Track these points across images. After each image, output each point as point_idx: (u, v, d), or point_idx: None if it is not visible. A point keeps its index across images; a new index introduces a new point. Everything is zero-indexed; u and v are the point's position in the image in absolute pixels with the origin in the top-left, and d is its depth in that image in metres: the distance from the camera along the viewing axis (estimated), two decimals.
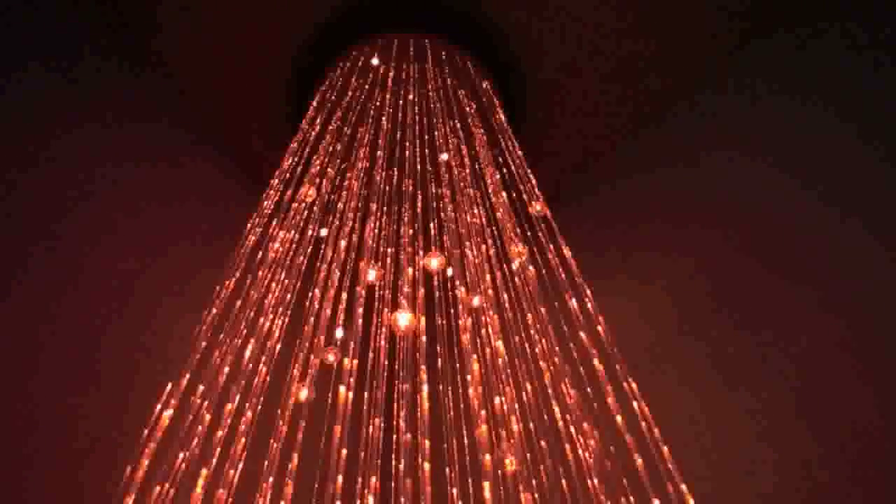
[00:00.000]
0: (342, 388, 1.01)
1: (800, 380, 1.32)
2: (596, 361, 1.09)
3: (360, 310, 1.15)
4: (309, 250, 1.33)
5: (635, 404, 1.03)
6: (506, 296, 1.26)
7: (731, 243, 1.58)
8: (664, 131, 1.95)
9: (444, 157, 1.48)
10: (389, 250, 1.40)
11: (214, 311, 1.17)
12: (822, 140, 1.47)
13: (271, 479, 0.97)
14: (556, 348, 1.15)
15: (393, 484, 1.03)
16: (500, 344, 1.13)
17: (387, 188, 1.49)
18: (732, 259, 1.56)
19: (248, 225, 1.34)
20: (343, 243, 1.29)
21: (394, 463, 1.04)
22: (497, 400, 1.03)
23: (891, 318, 1.23)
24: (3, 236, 1.26)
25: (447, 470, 1.13)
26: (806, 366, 1.32)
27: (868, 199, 1.34)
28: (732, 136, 1.71)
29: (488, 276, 1.24)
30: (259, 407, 1.09)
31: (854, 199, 1.36)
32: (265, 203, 1.39)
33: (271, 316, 1.19)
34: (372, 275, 1.27)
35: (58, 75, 1.51)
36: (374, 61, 1.70)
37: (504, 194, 1.44)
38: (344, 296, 1.22)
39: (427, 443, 0.96)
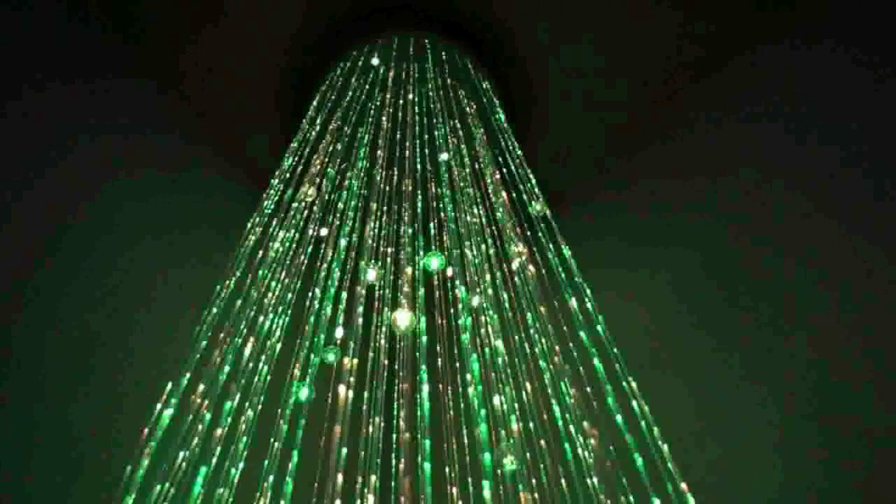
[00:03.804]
0: (342, 388, 1.01)
1: (800, 380, 1.32)
2: (596, 361, 1.09)
3: (360, 310, 1.15)
4: (309, 250, 1.33)
5: (635, 404, 1.03)
6: (506, 296, 1.26)
7: (732, 245, 1.58)
8: (665, 133, 1.95)
9: (444, 157, 1.48)
10: (389, 250, 1.40)
11: (214, 311, 1.17)
12: (816, 145, 1.48)
13: (271, 479, 0.97)
14: (557, 348, 1.15)
15: (393, 484, 1.03)
16: (500, 344, 1.13)
17: (387, 188, 1.49)
18: (734, 261, 1.56)
19: (248, 225, 1.34)
20: (343, 243, 1.29)
21: (394, 463, 1.04)
22: (497, 400, 1.03)
23: None
24: (5, 235, 1.26)
25: (447, 470, 1.13)
26: (806, 366, 1.32)
27: (868, 199, 1.34)
28: (731, 139, 1.71)
29: (488, 276, 1.24)
30: (259, 407, 1.09)
31: (854, 199, 1.37)
32: (265, 203, 1.39)
33: (271, 316, 1.19)
34: (372, 275, 1.27)
35: (61, 81, 1.51)
36: (374, 61, 1.70)
37: (504, 194, 1.44)
38: (344, 296, 1.22)
39: (427, 442, 0.96)
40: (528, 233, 1.34)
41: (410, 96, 1.61)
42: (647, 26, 1.75)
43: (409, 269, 1.23)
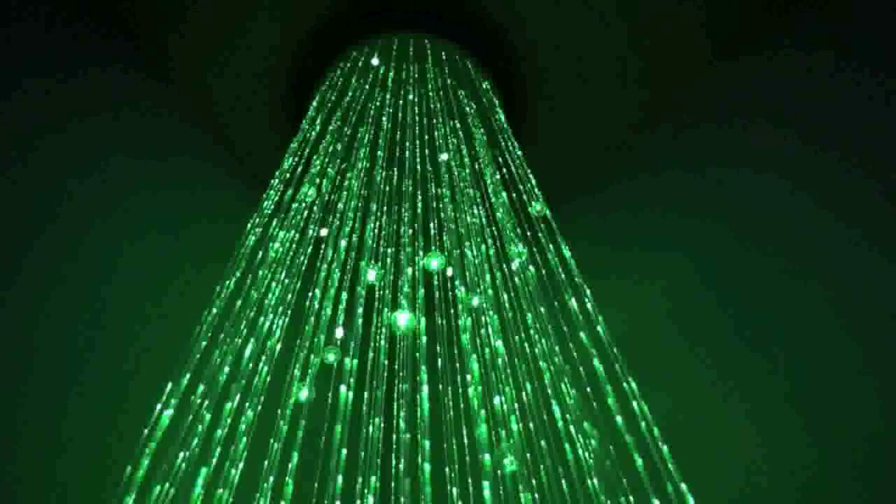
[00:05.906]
0: (342, 388, 1.01)
1: (800, 380, 1.32)
2: (596, 361, 1.09)
3: (360, 310, 1.15)
4: (309, 250, 1.33)
5: (635, 404, 1.03)
6: (506, 296, 1.26)
7: (731, 245, 1.58)
8: (665, 132, 1.95)
9: (444, 157, 1.48)
10: (389, 250, 1.40)
11: (214, 311, 1.17)
12: (818, 142, 1.48)
13: (271, 479, 0.97)
14: (556, 348, 1.15)
15: (393, 484, 1.03)
16: (500, 344, 1.13)
17: (387, 188, 1.49)
18: (733, 260, 1.56)
19: (249, 225, 1.34)
20: (343, 243, 1.29)
21: (394, 463, 1.04)
22: (497, 400, 1.03)
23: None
24: (3, 231, 1.26)
25: (447, 470, 1.13)
26: (806, 366, 1.32)
27: (867, 199, 1.34)
28: (732, 140, 1.71)
29: (488, 276, 1.24)
30: (259, 407, 1.09)
31: (852, 200, 1.36)
32: (265, 203, 1.39)
33: (271, 316, 1.19)
34: (372, 275, 1.27)
35: (64, 78, 1.51)
36: (374, 61, 1.70)
37: (504, 194, 1.44)
38: (344, 296, 1.22)
39: (427, 443, 0.96)
40: (528, 233, 1.34)
41: (411, 96, 1.61)
42: (647, 27, 1.75)
43: (409, 269, 1.23)
